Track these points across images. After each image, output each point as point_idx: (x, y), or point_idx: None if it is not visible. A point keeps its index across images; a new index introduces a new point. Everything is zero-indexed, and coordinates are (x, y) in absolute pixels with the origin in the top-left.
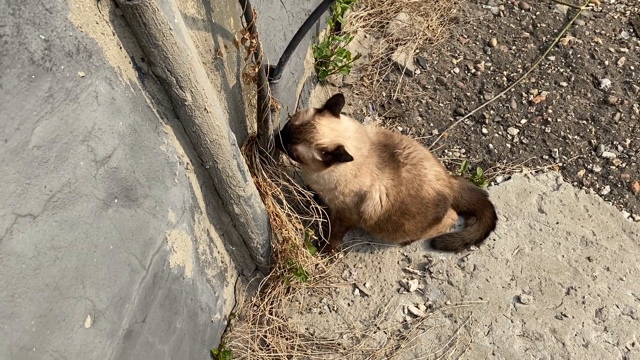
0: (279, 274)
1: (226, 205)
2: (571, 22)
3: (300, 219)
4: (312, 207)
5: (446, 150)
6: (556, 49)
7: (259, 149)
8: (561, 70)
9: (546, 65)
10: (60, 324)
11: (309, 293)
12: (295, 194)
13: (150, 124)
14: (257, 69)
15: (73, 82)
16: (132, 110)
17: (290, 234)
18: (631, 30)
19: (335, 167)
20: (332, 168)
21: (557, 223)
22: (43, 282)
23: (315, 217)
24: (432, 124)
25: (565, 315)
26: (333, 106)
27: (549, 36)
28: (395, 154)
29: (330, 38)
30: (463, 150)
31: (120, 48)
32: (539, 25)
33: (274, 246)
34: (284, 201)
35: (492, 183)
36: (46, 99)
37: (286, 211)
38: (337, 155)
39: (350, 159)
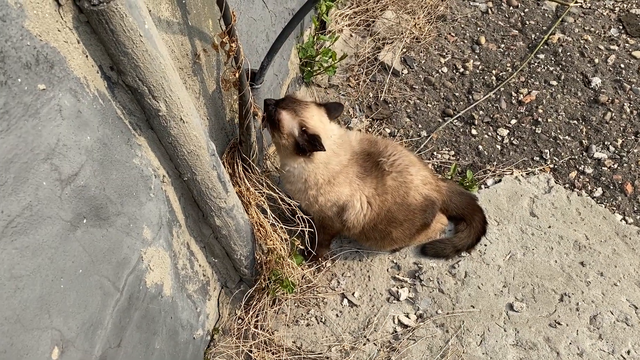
0: (264, 285)
1: (207, 218)
2: (560, 19)
3: (286, 228)
4: (298, 217)
5: (435, 153)
6: (545, 46)
7: (242, 156)
8: (551, 68)
9: (535, 64)
10: (23, 359)
11: (296, 304)
12: (280, 202)
13: (122, 136)
14: (237, 74)
15: (32, 96)
16: (101, 122)
17: (275, 245)
18: (620, 27)
19: (306, 162)
20: (302, 161)
21: (550, 227)
22: (2, 316)
23: (301, 227)
24: (420, 126)
25: (559, 323)
26: (331, 108)
27: (538, 34)
28: (379, 162)
29: (315, 37)
30: (452, 153)
31: (87, 57)
32: (527, 22)
33: (258, 257)
34: (268, 210)
35: (482, 186)
36: (1, 116)
37: (270, 221)
38: (313, 140)
39: (322, 149)
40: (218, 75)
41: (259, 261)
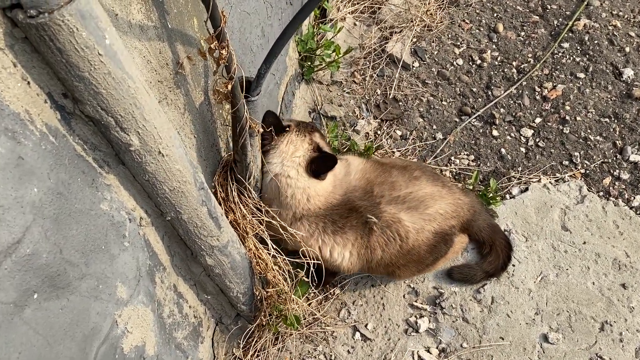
0: (265, 322)
1: (196, 257)
2: (585, 2)
3: (289, 260)
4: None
5: (453, 158)
6: (570, 34)
7: (236, 177)
8: (577, 59)
9: (560, 54)
10: None
11: (301, 340)
12: (282, 231)
13: (84, 178)
14: (229, 86)
15: None
16: (54, 167)
17: (277, 279)
18: None
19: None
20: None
21: (584, 243)
22: None
23: (306, 260)
24: (435, 127)
25: (601, 358)
26: (320, 161)
27: (561, 20)
28: (367, 221)
29: (315, 27)
30: (472, 157)
31: (28, 83)
32: (549, 6)
33: (257, 293)
34: (268, 241)
35: (507, 196)
36: None
37: (272, 252)
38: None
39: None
40: (206, 84)
41: (258, 297)
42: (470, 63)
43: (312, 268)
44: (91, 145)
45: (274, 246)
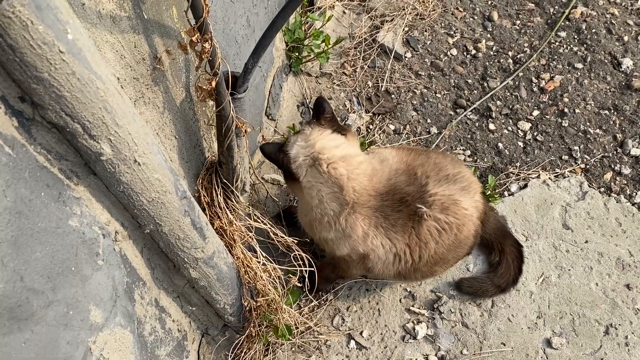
0: (254, 333)
1: (180, 269)
2: None
3: (281, 269)
4: (293, 256)
5: (448, 153)
6: (567, 22)
7: (222, 181)
8: (574, 48)
9: (557, 43)
10: None
11: (293, 349)
12: (272, 236)
13: (49, 192)
14: (213, 82)
15: None
16: (11, 181)
17: (267, 288)
18: None
19: (299, 191)
20: (295, 190)
21: (586, 242)
22: None
23: (299, 268)
24: (429, 120)
25: None
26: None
27: (557, 7)
28: (417, 210)
29: (303, 16)
30: (468, 152)
31: None
32: None
33: (246, 303)
34: (257, 248)
35: (506, 192)
36: None
37: (261, 260)
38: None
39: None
40: (188, 80)
41: (247, 307)
42: (465, 53)
43: (305, 274)
44: (56, 154)
45: (264, 253)
